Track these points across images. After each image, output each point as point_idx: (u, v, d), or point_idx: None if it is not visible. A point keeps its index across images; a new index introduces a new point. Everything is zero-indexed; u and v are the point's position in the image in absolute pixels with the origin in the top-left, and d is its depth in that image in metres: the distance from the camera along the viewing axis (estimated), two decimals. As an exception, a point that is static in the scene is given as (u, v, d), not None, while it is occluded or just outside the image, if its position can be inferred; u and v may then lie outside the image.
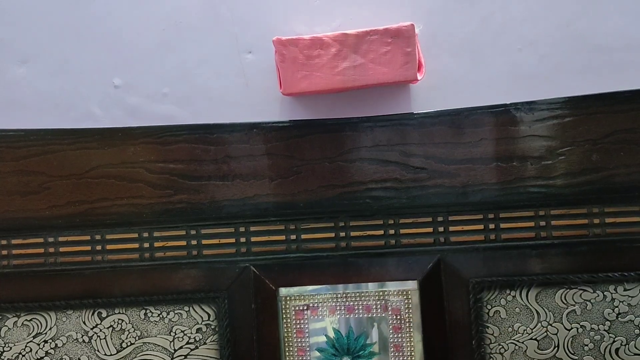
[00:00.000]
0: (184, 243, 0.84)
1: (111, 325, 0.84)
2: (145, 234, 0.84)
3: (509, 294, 0.82)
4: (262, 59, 0.82)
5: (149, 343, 0.84)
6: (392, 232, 0.83)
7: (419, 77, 0.78)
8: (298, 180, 0.82)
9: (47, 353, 0.84)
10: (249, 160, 0.83)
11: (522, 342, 0.82)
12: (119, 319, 0.84)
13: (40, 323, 0.84)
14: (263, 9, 0.83)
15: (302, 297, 0.83)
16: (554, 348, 0.81)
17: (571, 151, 0.80)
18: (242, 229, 0.83)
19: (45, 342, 0.84)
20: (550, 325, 0.82)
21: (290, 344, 0.83)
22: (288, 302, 0.83)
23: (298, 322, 0.83)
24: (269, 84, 0.82)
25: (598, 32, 0.80)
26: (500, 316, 0.82)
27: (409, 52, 0.75)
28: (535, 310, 0.81)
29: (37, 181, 0.83)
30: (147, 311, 0.84)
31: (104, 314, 0.84)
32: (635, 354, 0.81)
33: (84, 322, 0.84)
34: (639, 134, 0.80)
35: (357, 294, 0.83)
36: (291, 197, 0.83)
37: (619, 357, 0.81)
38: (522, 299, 0.82)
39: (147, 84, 0.84)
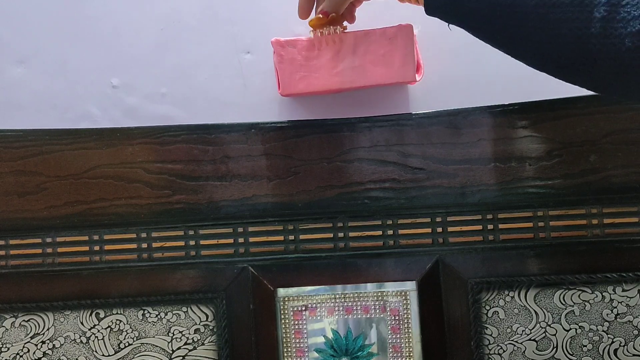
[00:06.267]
0: (182, 243, 0.83)
1: (109, 326, 0.84)
2: (144, 235, 0.83)
3: (508, 295, 0.82)
4: (261, 60, 0.82)
5: (147, 344, 0.84)
6: (390, 232, 0.82)
7: (417, 78, 0.78)
8: (296, 181, 0.82)
9: (44, 354, 0.84)
10: (247, 160, 0.83)
11: (521, 343, 0.82)
12: (116, 320, 0.84)
13: (38, 323, 0.84)
14: (261, 9, 0.83)
15: (300, 298, 0.83)
16: (553, 349, 0.81)
17: (569, 152, 0.80)
18: (240, 230, 0.83)
19: (43, 342, 0.84)
20: (549, 325, 0.81)
21: (289, 344, 0.83)
22: (286, 303, 0.83)
23: (296, 322, 0.83)
24: (267, 84, 0.82)
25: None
26: (499, 317, 0.82)
27: (407, 53, 0.74)
28: (534, 310, 0.81)
29: (35, 181, 0.83)
30: (145, 312, 0.84)
31: (102, 315, 0.84)
32: (634, 355, 0.81)
33: (82, 323, 0.84)
34: (638, 135, 0.80)
35: (356, 295, 0.83)
36: (289, 197, 0.82)
37: (618, 358, 0.81)
38: (520, 299, 0.81)
39: (145, 84, 0.84)
